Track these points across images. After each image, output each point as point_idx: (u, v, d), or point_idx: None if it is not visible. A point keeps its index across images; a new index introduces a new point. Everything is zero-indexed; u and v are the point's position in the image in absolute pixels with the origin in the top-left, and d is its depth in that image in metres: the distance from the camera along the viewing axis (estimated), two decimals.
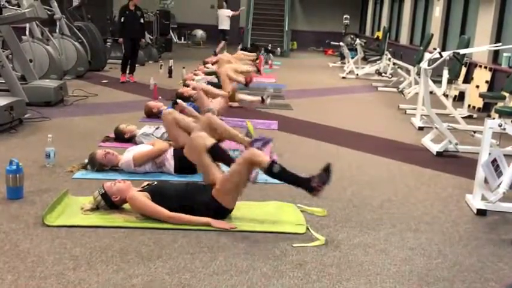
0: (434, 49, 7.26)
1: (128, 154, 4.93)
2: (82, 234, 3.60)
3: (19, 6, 7.64)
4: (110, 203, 3.95)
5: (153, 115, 7.18)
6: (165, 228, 3.72)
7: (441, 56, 6.58)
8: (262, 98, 7.65)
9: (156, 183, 4.09)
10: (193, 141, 4.24)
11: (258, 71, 11.25)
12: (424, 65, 6.74)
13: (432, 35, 11.42)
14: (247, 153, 3.88)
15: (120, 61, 11.17)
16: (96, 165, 4.90)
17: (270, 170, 3.76)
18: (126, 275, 3.07)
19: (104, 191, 3.95)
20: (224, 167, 4.31)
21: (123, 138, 5.85)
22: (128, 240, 3.53)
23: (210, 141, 4.21)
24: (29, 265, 3.14)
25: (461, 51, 6.99)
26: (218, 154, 4.19)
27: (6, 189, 4.21)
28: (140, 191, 3.94)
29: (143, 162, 4.87)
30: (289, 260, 3.38)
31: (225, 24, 17.20)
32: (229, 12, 17.17)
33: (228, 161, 4.21)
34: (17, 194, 4.19)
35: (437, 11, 13.80)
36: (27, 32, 9.50)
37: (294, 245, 3.57)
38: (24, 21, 8.30)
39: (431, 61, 6.78)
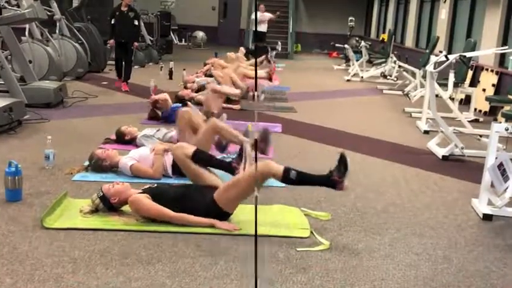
0: (441, 52, 7.26)
1: (127, 161, 4.92)
2: (81, 237, 3.61)
3: (18, 7, 7.67)
4: (108, 205, 3.95)
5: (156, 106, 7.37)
6: (165, 232, 3.72)
7: (447, 59, 6.58)
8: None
9: (156, 185, 4.11)
10: (174, 153, 4.33)
11: (270, 80, 11.12)
12: (430, 68, 6.74)
13: (438, 37, 11.44)
14: (262, 166, 3.79)
15: None
16: (94, 159, 4.91)
17: (286, 178, 3.77)
18: (126, 278, 3.08)
19: (102, 194, 3.95)
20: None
21: (124, 140, 5.86)
22: (127, 243, 3.54)
23: (191, 149, 4.21)
24: (27, 268, 3.15)
25: (468, 54, 6.99)
26: (202, 159, 4.22)
27: (5, 191, 4.21)
28: (140, 193, 3.94)
29: (138, 175, 4.88)
30: (293, 264, 3.38)
31: (261, 27, 18.35)
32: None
33: (214, 163, 4.31)
34: (16, 196, 4.20)
35: (443, 14, 13.81)
36: (26, 33, 9.52)
37: (298, 249, 3.57)
38: (24, 21, 8.33)
39: (438, 64, 6.78)
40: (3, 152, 5.55)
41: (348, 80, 13.85)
